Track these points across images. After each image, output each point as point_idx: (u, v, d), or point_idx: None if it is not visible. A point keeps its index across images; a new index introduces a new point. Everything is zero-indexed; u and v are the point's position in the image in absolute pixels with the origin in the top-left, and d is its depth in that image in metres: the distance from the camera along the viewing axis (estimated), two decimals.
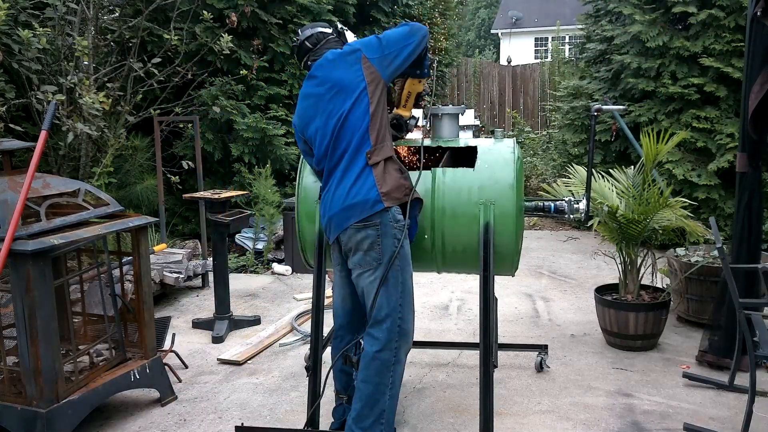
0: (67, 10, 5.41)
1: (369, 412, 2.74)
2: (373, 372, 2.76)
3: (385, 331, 2.76)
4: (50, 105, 3.19)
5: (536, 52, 25.97)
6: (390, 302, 2.76)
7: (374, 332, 2.78)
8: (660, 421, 3.30)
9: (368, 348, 2.79)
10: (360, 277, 2.81)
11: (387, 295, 2.75)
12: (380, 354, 2.75)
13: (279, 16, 7.13)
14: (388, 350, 2.76)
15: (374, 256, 2.74)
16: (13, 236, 2.80)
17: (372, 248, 2.74)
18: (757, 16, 3.55)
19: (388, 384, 2.76)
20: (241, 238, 6.76)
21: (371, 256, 2.75)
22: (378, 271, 2.75)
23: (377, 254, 2.74)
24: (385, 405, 2.76)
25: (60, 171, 5.56)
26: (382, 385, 2.75)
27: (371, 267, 2.76)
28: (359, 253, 2.77)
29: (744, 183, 3.80)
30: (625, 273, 4.28)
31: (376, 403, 2.75)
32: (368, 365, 2.77)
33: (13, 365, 3.14)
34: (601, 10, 7.55)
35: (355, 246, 2.78)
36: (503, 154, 3.08)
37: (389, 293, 2.75)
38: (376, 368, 2.76)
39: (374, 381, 2.75)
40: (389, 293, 2.75)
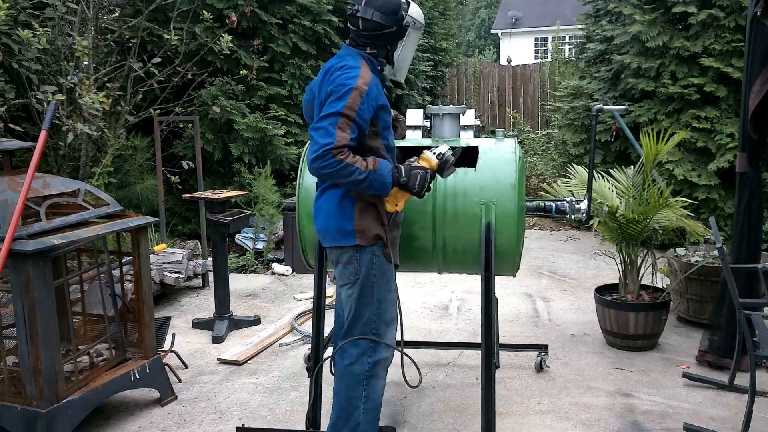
0: (67, 10, 5.41)
1: (344, 424, 2.70)
2: (344, 386, 2.72)
3: (356, 346, 2.70)
4: (50, 105, 3.19)
5: (536, 52, 25.98)
6: (363, 317, 2.69)
7: (346, 346, 2.72)
8: (660, 421, 3.30)
9: (339, 361, 2.75)
10: (341, 288, 2.76)
11: (361, 311, 2.69)
12: (351, 368, 2.69)
13: (279, 16, 7.13)
14: (360, 364, 2.69)
15: (352, 270, 2.67)
16: (13, 236, 2.80)
17: (350, 262, 2.67)
18: (757, 16, 3.55)
19: (361, 398, 2.69)
20: (241, 238, 6.76)
21: (349, 270, 2.68)
22: (355, 286, 2.68)
23: (355, 269, 2.67)
24: (359, 418, 2.69)
25: (60, 171, 5.56)
26: (355, 399, 2.69)
27: (349, 281, 2.69)
28: (340, 266, 2.72)
29: (744, 183, 3.80)
30: (625, 273, 4.28)
31: (350, 417, 2.69)
32: (340, 379, 2.74)
33: (13, 365, 3.14)
34: (601, 10, 7.56)
35: (336, 258, 2.74)
36: (504, 154, 3.09)
37: (364, 309, 2.69)
38: (346, 382, 2.71)
39: (346, 394, 2.71)
40: (364, 309, 2.69)
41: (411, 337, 4.48)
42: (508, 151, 3.10)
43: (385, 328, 2.74)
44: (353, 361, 2.70)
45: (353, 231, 2.63)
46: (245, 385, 3.83)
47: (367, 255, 2.65)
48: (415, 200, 3.01)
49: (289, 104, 7.29)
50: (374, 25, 2.66)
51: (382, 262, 2.69)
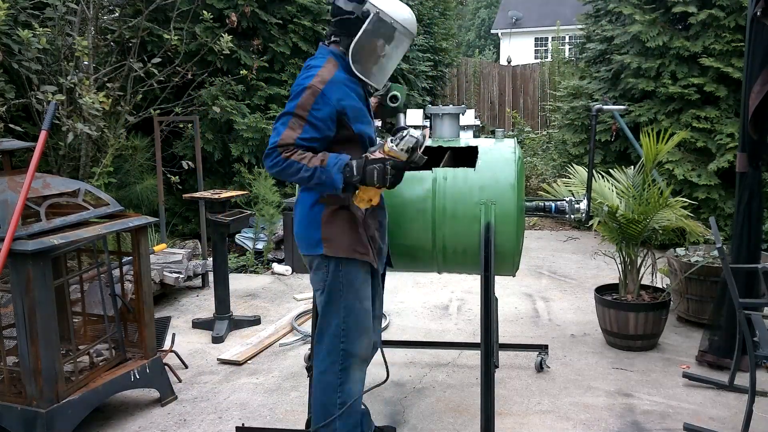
0: (67, 10, 5.41)
1: (325, 429, 2.71)
2: (319, 392, 2.72)
3: (325, 354, 2.69)
4: (50, 105, 3.19)
5: (536, 52, 25.98)
6: (331, 326, 2.67)
7: (318, 352, 2.73)
8: (660, 421, 3.30)
9: (315, 367, 2.75)
10: (315, 293, 2.75)
11: (329, 319, 2.67)
12: (323, 376, 2.69)
13: (279, 16, 7.13)
14: (332, 373, 2.67)
15: (321, 276, 2.64)
16: (13, 236, 2.80)
17: (319, 268, 2.65)
18: (757, 16, 3.55)
19: (336, 404, 2.68)
20: (241, 238, 6.76)
21: (319, 276, 2.66)
22: (323, 294, 2.65)
23: (324, 275, 2.63)
24: (336, 424, 2.69)
25: (60, 171, 5.56)
26: (330, 405, 2.69)
27: (319, 287, 2.67)
28: (311, 272, 2.71)
29: (744, 183, 3.80)
30: (625, 273, 4.28)
31: (331, 421, 2.69)
32: (315, 385, 2.74)
33: (13, 365, 3.13)
34: (601, 10, 7.56)
35: (308, 263, 2.72)
36: (504, 154, 3.08)
37: (331, 317, 2.66)
38: (321, 389, 2.71)
39: (321, 400, 2.71)
40: (331, 317, 2.66)
41: (411, 337, 4.49)
42: (507, 151, 3.10)
43: (355, 337, 2.69)
44: (324, 370, 2.69)
45: (320, 240, 2.59)
46: (245, 385, 3.83)
47: (332, 264, 2.61)
48: (415, 200, 3.02)
49: None
50: (336, 9, 2.61)
51: (350, 272, 2.63)
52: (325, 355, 2.69)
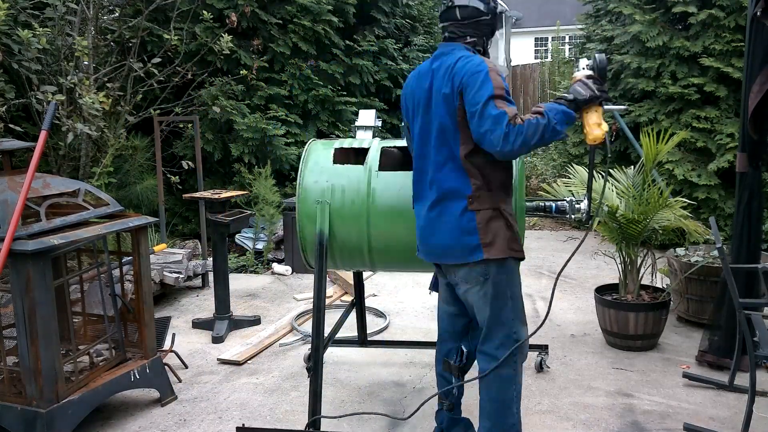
0: (67, 10, 5.41)
1: (500, 429, 2.68)
2: (495, 390, 2.67)
3: (500, 348, 2.65)
4: (50, 105, 3.19)
5: (536, 52, 25.97)
6: (501, 317, 2.64)
7: (488, 349, 2.68)
8: (660, 421, 3.30)
9: (485, 366, 2.68)
10: (467, 292, 2.68)
11: (497, 310, 2.63)
12: (500, 371, 2.64)
13: (279, 16, 7.14)
14: (508, 366, 2.64)
15: (479, 270, 2.59)
16: (13, 236, 2.80)
17: (475, 273, 2.61)
18: (757, 16, 3.55)
19: (514, 398, 2.67)
20: (241, 238, 6.76)
21: (476, 272, 2.60)
22: (485, 286, 2.60)
23: (483, 269, 2.59)
24: (514, 419, 2.68)
25: (60, 171, 5.56)
26: (508, 401, 2.66)
27: (478, 282, 2.61)
28: (465, 268, 2.63)
29: (744, 183, 3.80)
30: (625, 273, 4.28)
31: (506, 420, 2.67)
32: (489, 385, 2.67)
33: (13, 365, 3.14)
34: (601, 10, 7.55)
35: (457, 272, 2.67)
36: None
37: (499, 308, 2.63)
38: (498, 386, 2.66)
39: (499, 399, 2.66)
40: (499, 308, 2.63)
41: (411, 337, 4.48)
42: None
43: (520, 324, 2.71)
44: (500, 365, 2.65)
45: (479, 245, 2.55)
46: (245, 385, 3.83)
47: (493, 267, 2.58)
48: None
49: (289, 104, 7.29)
50: (472, 11, 2.66)
51: (511, 269, 2.64)
52: (498, 351, 2.65)
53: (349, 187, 3.10)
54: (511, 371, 2.67)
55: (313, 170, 3.19)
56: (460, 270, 2.65)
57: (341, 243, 3.15)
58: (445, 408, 2.99)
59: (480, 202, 2.57)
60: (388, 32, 8.65)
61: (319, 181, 3.15)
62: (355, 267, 3.39)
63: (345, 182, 3.12)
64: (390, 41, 8.45)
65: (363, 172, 3.14)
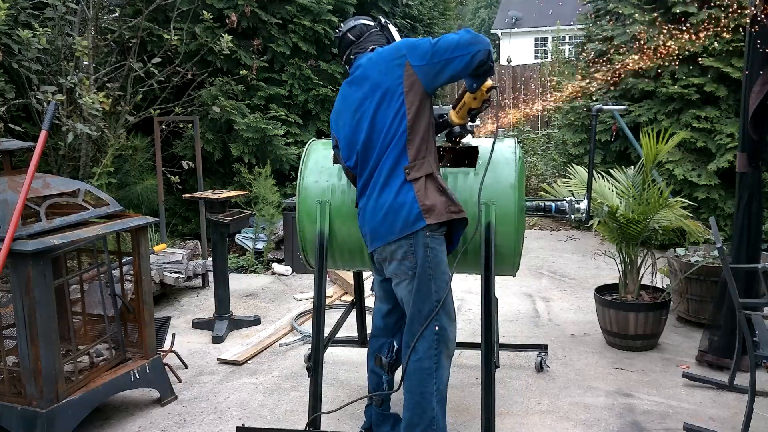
0: (67, 10, 5.41)
1: (419, 421, 2.69)
2: (415, 381, 2.70)
3: (421, 340, 2.69)
4: (50, 105, 3.19)
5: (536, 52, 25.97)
6: (424, 311, 2.69)
7: (408, 340, 2.73)
8: (660, 421, 3.30)
9: (407, 358, 2.73)
10: (398, 286, 2.77)
11: (421, 305, 2.69)
12: (419, 363, 2.69)
13: (279, 16, 7.14)
14: (428, 359, 2.68)
15: (408, 265, 2.67)
16: (13, 236, 2.80)
17: (406, 257, 2.67)
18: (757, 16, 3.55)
19: (433, 391, 2.70)
20: (241, 238, 6.76)
21: (405, 266, 2.68)
22: (414, 281, 2.67)
23: (411, 263, 2.67)
24: (433, 411, 2.70)
25: (60, 171, 5.56)
26: (427, 393, 2.69)
27: (407, 276, 2.69)
28: (394, 263, 2.71)
29: (744, 183, 3.80)
30: (625, 273, 4.28)
31: (424, 412, 2.69)
32: (410, 376, 2.71)
33: (13, 365, 3.13)
34: (601, 10, 7.55)
35: (389, 255, 2.72)
36: (504, 153, 3.08)
37: (423, 302, 2.68)
38: (417, 378, 2.69)
39: (418, 390, 2.70)
40: (423, 302, 2.68)
41: None
42: (508, 150, 3.10)
43: (446, 320, 2.75)
44: (420, 356, 2.69)
45: (419, 213, 2.62)
46: (245, 385, 3.83)
47: (421, 248, 2.65)
48: None
49: (289, 104, 7.29)
50: (361, 27, 3.01)
51: (436, 255, 2.69)
52: (419, 344, 2.70)
53: (349, 187, 3.10)
54: (432, 364, 2.70)
55: (313, 170, 3.19)
56: (395, 252, 2.69)
57: (341, 243, 3.15)
58: (375, 403, 3.07)
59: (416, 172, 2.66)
60: None
61: (319, 181, 3.15)
62: (355, 267, 3.39)
63: (345, 182, 3.12)
64: None
65: None
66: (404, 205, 2.63)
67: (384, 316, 3.07)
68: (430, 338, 2.69)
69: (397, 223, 2.65)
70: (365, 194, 2.78)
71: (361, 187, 2.82)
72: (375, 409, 3.09)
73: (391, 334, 3.06)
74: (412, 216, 2.62)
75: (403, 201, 2.63)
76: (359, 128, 2.75)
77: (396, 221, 2.65)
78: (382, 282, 3.00)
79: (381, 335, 3.09)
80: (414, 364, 2.69)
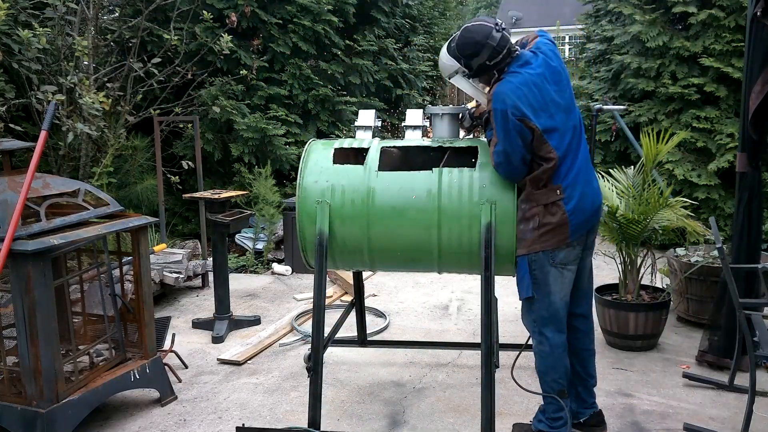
0: (67, 10, 5.41)
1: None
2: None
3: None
4: (50, 105, 3.19)
5: None
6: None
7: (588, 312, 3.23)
8: (660, 421, 3.30)
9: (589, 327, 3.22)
10: (588, 258, 3.17)
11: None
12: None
13: (279, 16, 7.13)
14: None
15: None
16: (13, 236, 2.80)
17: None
18: (757, 16, 3.55)
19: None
20: (241, 238, 6.76)
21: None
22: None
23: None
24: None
25: (60, 171, 5.55)
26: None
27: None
28: (594, 234, 3.15)
29: (744, 183, 3.80)
30: (625, 273, 4.28)
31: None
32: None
33: (13, 365, 3.13)
34: (601, 10, 7.55)
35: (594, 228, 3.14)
36: None
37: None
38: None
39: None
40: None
41: (411, 337, 4.49)
42: None
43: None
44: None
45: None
46: (245, 385, 3.83)
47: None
48: (415, 200, 3.03)
49: (289, 104, 7.29)
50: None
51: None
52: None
53: (349, 186, 3.10)
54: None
55: (313, 170, 3.19)
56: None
57: (341, 243, 3.15)
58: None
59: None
60: (388, 32, 8.64)
61: (319, 181, 3.15)
62: (355, 267, 3.39)
63: (345, 182, 3.12)
64: (390, 41, 8.45)
65: (363, 172, 3.13)
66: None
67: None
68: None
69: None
70: (583, 177, 2.96)
71: (576, 171, 2.92)
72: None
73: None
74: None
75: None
76: (573, 118, 2.94)
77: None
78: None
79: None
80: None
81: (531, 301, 3.00)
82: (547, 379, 3.05)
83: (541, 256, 2.91)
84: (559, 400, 3.01)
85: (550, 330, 3.01)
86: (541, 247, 2.90)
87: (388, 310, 5.05)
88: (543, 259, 2.92)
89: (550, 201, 2.88)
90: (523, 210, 2.94)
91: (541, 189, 2.89)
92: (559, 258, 2.92)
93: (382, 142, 3.30)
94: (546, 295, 2.96)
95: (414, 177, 3.06)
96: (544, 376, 3.06)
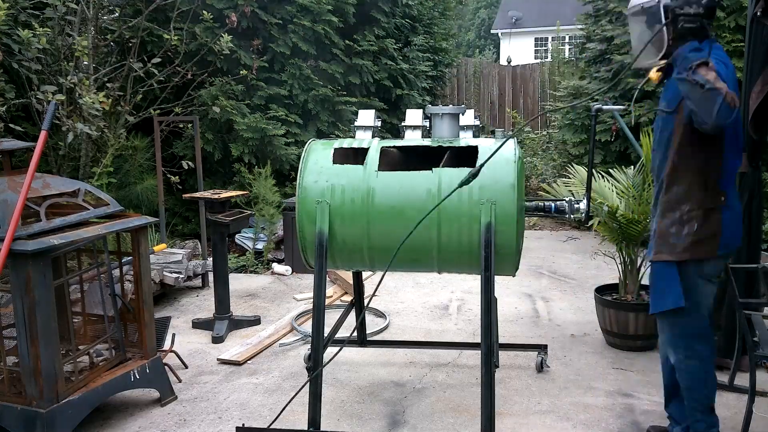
0: (67, 10, 5.41)
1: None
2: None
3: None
4: (50, 105, 3.19)
5: (536, 52, 25.97)
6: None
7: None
8: (660, 422, 3.29)
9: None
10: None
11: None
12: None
13: (279, 16, 7.14)
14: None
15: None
16: (13, 236, 2.80)
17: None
18: (757, 17, 3.55)
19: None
20: (241, 238, 6.76)
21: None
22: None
23: None
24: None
25: (60, 171, 5.56)
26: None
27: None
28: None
29: (744, 183, 3.79)
30: (625, 273, 4.28)
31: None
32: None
33: (13, 365, 3.13)
34: (601, 10, 7.56)
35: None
36: (504, 153, 3.08)
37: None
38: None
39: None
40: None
41: (411, 337, 4.49)
42: (507, 150, 3.10)
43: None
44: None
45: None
46: (245, 385, 3.83)
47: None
48: (415, 200, 3.03)
49: (289, 104, 7.29)
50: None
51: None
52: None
53: (348, 186, 3.10)
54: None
55: (312, 170, 3.19)
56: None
57: (341, 243, 3.15)
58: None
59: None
60: (388, 32, 8.64)
61: (319, 181, 3.15)
62: (355, 267, 3.39)
63: (345, 182, 3.12)
64: (390, 41, 8.45)
65: (363, 172, 3.14)
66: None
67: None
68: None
69: None
70: (736, 194, 2.82)
71: (734, 180, 2.78)
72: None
73: None
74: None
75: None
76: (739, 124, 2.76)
77: None
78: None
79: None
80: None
81: (677, 314, 2.77)
82: (696, 396, 2.83)
83: (690, 265, 2.72)
84: (710, 416, 2.84)
85: (700, 343, 2.81)
86: (691, 255, 2.69)
87: (388, 310, 5.05)
88: (693, 269, 2.72)
89: (713, 206, 2.68)
90: (682, 211, 2.69)
91: (708, 191, 2.67)
92: (707, 269, 2.74)
93: (381, 142, 3.30)
94: (696, 307, 2.77)
95: (414, 177, 3.06)
96: (693, 393, 2.83)
